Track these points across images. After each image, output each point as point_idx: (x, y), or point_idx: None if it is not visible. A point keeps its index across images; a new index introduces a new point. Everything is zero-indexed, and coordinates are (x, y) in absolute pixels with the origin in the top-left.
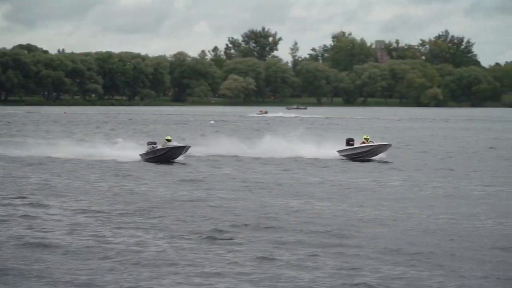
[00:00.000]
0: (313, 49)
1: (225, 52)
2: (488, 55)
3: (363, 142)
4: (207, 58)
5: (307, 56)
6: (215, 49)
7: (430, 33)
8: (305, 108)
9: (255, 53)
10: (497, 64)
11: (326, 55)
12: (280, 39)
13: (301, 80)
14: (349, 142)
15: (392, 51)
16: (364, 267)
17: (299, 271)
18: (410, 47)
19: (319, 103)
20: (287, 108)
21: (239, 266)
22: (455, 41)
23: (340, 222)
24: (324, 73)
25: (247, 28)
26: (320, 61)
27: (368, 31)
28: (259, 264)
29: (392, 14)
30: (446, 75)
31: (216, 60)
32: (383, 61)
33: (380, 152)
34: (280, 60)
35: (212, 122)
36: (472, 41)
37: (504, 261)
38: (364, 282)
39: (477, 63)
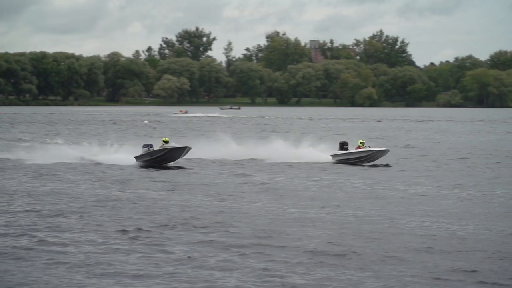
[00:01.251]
0: (247, 49)
1: (159, 52)
2: (422, 55)
3: (359, 147)
4: (141, 58)
5: (241, 56)
6: (149, 49)
7: (365, 33)
8: (239, 108)
9: (189, 53)
10: (431, 64)
11: (260, 55)
12: (214, 39)
13: (235, 80)
14: (343, 146)
15: (327, 51)
16: (290, 267)
17: (225, 271)
18: (344, 47)
19: (253, 103)
20: (220, 108)
21: (165, 267)
22: (390, 41)
23: (268, 223)
24: (258, 73)
25: (181, 28)
26: (254, 61)
27: (302, 31)
28: (184, 264)
29: (326, 14)
30: (380, 75)
31: (150, 60)
32: (317, 61)
33: (378, 158)
34: (214, 60)
35: (146, 122)
36: (406, 41)
37: (429, 261)
38: (290, 282)
39: (411, 63)
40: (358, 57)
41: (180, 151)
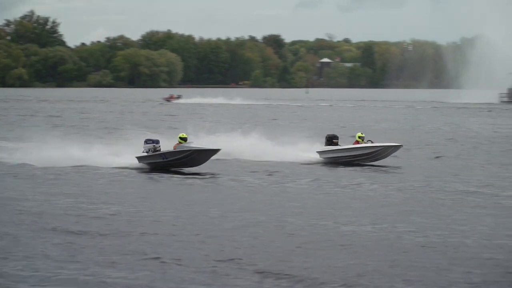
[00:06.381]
0: None
1: None
2: (74, 35)
3: (357, 142)
4: None
5: None
6: None
7: (16, 13)
8: None
9: None
10: (83, 44)
11: None
12: None
13: None
14: (332, 140)
15: None
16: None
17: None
18: None
19: None
20: None
21: None
22: (41, 21)
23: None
24: None
25: None
26: None
27: None
28: None
29: None
30: (31, 56)
31: None
32: None
33: (386, 156)
34: None
35: None
36: (58, 21)
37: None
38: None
39: (62, 43)
40: (9, 38)
41: (207, 155)
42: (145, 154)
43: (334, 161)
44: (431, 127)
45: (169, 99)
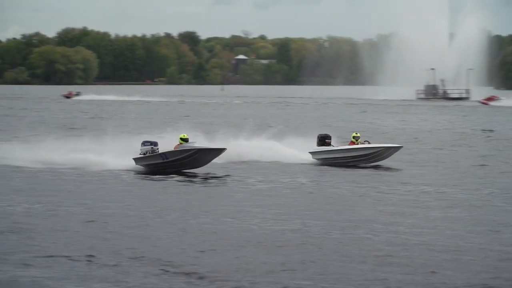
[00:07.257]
0: None
1: None
2: None
3: (353, 143)
4: None
5: None
6: None
7: None
8: None
9: None
10: None
11: None
12: None
13: None
14: (325, 140)
15: None
16: None
17: None
18: None
19: None
20: None
21: None
22: None
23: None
24: None
25: None
26: None
27: None
28: None
29: None
30: None
31: None
32: None
33: (385, 158)
34: None
35: None
36: None
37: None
38: None
39: None
40: None
41: (211, 154)
42: (143, 155)
43: (329, 163)
44: (346, 124)
45: (68, 96)
